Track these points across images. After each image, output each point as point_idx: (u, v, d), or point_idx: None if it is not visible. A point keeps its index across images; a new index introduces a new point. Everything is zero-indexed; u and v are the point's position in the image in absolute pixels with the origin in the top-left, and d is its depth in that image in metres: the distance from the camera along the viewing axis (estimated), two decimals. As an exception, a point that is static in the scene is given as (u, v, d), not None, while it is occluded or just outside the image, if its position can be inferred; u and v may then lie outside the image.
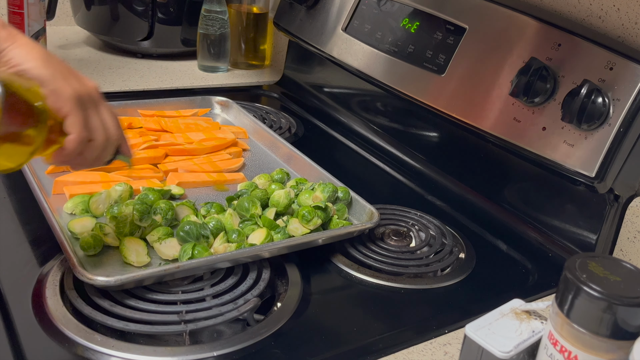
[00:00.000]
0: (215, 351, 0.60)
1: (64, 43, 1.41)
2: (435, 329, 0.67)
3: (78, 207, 0.79)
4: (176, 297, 0.66)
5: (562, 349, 0.51)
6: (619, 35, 0.84)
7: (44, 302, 0.63)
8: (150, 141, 0.96)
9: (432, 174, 1.02)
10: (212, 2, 1.33)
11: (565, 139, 0.79)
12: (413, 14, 1.02)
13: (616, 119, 0.75)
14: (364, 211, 0.84)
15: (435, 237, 0.84)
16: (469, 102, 0.91)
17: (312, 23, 1.21)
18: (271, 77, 1.43)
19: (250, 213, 0.80)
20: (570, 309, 0.50)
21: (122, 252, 0.71)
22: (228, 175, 0.93)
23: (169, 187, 0.86)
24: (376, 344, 0.64)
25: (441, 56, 0.96)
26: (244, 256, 0.71)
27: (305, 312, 0.68)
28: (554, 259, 0.83)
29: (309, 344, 0.63)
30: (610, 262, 0.52)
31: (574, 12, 0.89)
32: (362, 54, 1.09)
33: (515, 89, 0.82)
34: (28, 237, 0.75)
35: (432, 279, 0.76)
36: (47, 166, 0.88)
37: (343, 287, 0.73)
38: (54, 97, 0.57)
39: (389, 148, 1.10)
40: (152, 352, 0.59)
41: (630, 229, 0.80)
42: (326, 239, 0.77)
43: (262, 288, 0.68)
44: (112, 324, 0.61)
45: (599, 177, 0.77)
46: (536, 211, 0.87)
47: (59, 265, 0.69)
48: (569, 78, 0.80)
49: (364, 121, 1.17)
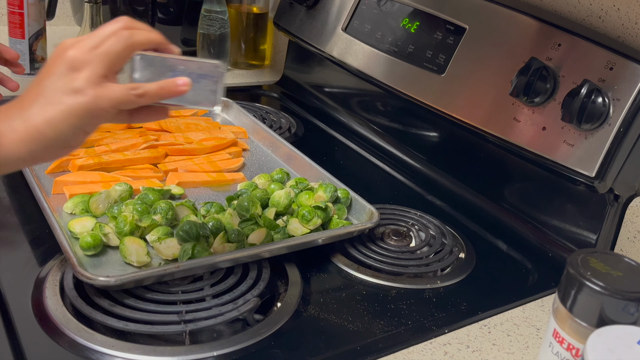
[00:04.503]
0: (215, 351, 0.60)
1: (64, 43, 1.41)
2: (435, 329, 0.67)
3: (78, 207, 0.79)
4: (176, 297, 0.66)
5: (569, 347, 0.51)
6: (619, 35, 0.84)
7: (44, 302, 0.63)
8: (150, 141, 0.96)
9: (432, 174, 1.02)
10: (212, 2, 1.33)
11: (565, 139, 0.79)
12: (413, 14, 1.02)
13: (616, 119, 0.75)
14: (364, 211, 0.84)
15: (435, 237, 0.84)
16: (469, 102, 0.91)
17: (312, 23, 1.21)
18: (271, 77, 1.43)
19: (250, 213, 0.80)
20: (574, 304, 0.50)
21: (122, 252, 0.71)
22: (228, 175, 0.93)
23: (169, 187, 0.86)
24: (376, 344, 0.64)
25: (441, 56, 0.96)
26: (244, 256, 0.71)
27: (305, 312, 0.68)
28: (554, 259, 0.83)
29: (309, 344, 0.63)
30: (611, 257, 0.53)
31: (574, 12, 0.89)
32: (362, 54, 1.08)
33: (515, 89, 0.82)
34: (28, 237, 0.75)
35: (432, 279, 0.76)
36: (47, 166, 0.88)
37: (343, 287, 0.73)
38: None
39: (389, 148, 1.10)
40: (152, 352, 0.59)
41: (630, 229, 0.80)
42: (326, 239, 0.77)
43: (262, 288, 0.68)
44: (112, 324, 0.61)
45: (599, 177, 0.77)
46: (536, 211, 0.87)
47: (59, 265, 0.69)
48: (569, 78, 0.80)
49: (364, 121, 1.17)
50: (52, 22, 1.37)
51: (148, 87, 0.55)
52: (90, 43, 0.53)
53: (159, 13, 1.37)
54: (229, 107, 1.15)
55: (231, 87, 1.35)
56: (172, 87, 0.56)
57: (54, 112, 0.51)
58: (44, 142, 0.52)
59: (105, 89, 0.53)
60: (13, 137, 0.51)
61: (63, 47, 0.54)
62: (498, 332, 0.68)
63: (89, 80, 0.52)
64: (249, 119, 1.10)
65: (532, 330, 0.69)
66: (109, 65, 0.53)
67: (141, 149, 0.94)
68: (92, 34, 0.54)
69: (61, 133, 0.52)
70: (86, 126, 0.53)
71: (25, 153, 0.51)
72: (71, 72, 0.52)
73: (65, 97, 0.52)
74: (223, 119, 1.14)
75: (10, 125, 0.51)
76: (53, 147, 0.53)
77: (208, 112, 1.14)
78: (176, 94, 0.56)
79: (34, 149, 0.51)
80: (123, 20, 0.56)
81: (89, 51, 0.53)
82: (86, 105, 0.52)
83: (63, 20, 1.54)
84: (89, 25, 1.20)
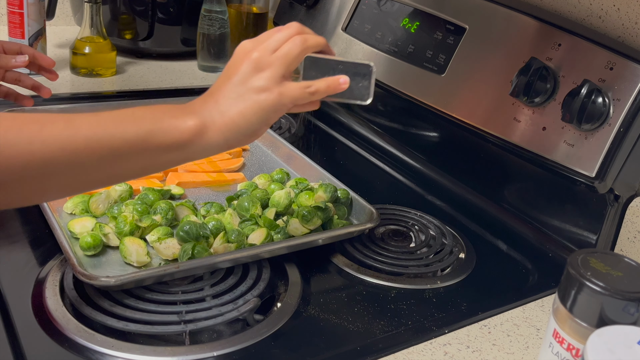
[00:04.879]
0: (215, 351, 0.60)
1: (64, 43, 1.40)
2: (435, 329, 0.67)
3: (78, 207, 0.79)
4: (176, 297, 0.66)
5: (569, 347, 0.51)
6: (619, 35, 0.84)
7: (44, 302, 0.63)
8: (150, 141, 0.96)
9: (432, 174, 1.02)
10: (212, 2, 1.33)
11: (565, 139, 0.79)
12: (413, 14, 1.02)
13: (616, 119, 0.75)
14: (364, 211, 0.84)
15: (435, 237, 0.84)
16: (469, 102, 0.91)
17: (312, 23, 1.21)
18: (271, 77, 1.43)
19: (250, 213, 0.80)
20: (574, 304, 0.50)
21: (122, 252, 0.71)
22: (228, 175, 0.93)
23: (169, 187, 0.86)
24: (376, 344, 0.64)
25: (441, 56, 0.96)
26: (243, 256, 0.71)
27: (305, 312, 0.68)
28: (554, 259, 0.83)
29: (309, 344, 0.63)
30: (611, 257, 0.53)
31: (574, 12, 0.89)
32: (362, 54, 1.08)
33: (515, 89, 0.82)
34: (28, 237, 0.75)
35: (432, 279, 0.76)
36: (47, 166, 0.88)
37: (343, 287, 0.73)
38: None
39: (389, 148, 1.10)
40: (152, 352, 0.59)
41: (630, 229, 0.80)
42: (326, 239, 0.77)
43: (262, 288, 0.68)
44: (112, 324, 0.61)
45: (599, 177, 0.77)
46: (536, 211, 0.87)
47: (59, 265, 0.69)
48: (569, 78, 0.80)
49: (364, 121, 1.17)
50: (52, 22, 1.36)
51: (318, 84, 0.63)
52: (270, 46, 0.61)
53: (159, 13, 1.37)
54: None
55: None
56: (337, 85, 0.64)
57: (245, 106, 0.59)
58: (237, 132, 0.59)
59: (286, 87, 0.61)
60: (214, 128, 0.58)
61: (246, 49, 0.62)
62: (498, 332, 0.68)
63: (273, 79, 0.60)
64: (249, 119, 1.10)
65: (532, 331, 0.69)
66: (287, 66, 0.61)
67: (141, 149, 0.94)
68: (269, 37, 0.62)
69: (252, 124, 0.59)
70: (270, 118, 0.61)
71: (222, 140, 0.58)
72: (257, 72, 0.60)
73: (254, 94, 0.59)
74: (223, 119, 1.13)
75: (211, 117, 0.58)
76: (243, 136, 0.60)
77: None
78: (339, 90, 0.64)
79: (229, 137, 0.59)
80: (295, 26, 0.64)
81: (270, 53, 0.61)
82: (272, 102, 0.60)
83: (63, 20, 1.54)
84: (89, 25, 1.20)
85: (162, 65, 1.39)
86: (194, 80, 1.33)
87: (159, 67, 1.37)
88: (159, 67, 1.38)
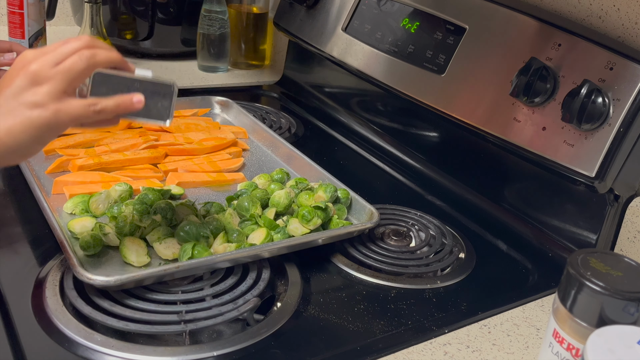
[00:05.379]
0: (215, 351, 0.60)
1: (63, 43, 1.41)
2: (435, 329, 0.67)
3: (78, 207, 0.79)
4: (176, 297, 0.66)
5: (569, 347, 0.51)
6: (619, 35, 0.84)
7: (44, 302, 0.63)
8: (150, 141, 0.96)
9: (432, 174, 1.02)
10: (212, 2, 1.33)
11: (565, 139, 0.79)
12: (413, 14, 1.02)
13: (616, 119, 0.75)
14: (364, 211, 0.84)
15: (435, 237, 0.84)
16: (469, 102, 0.91)
17: (312, 23, 1.21)
18: (271, 77, 1.43)
19: (250, 213, 0.80)
20: (574, 304, 0.51)
21: (122, 252, 0.71)
22: (228, 175, 0.93)
23: (169, 187, 0.86)
24: (376, 344, 0.64)
25: (441, 56, 0.96)
26: (243, 256, 0.71)
27: (305, 312, 0.68)
28: (554, 259, 0.83)
29: (309, 344, 0.63)
30: (611, 257, 0.53)
31: (574, 12, 0.89)
32: (362, 54, 1.08)
33: (515, 89, 0.82)
34: (28, 237, 0.75)
35: (432, 279, 0.76)
36: (47, 166, 0.88)
37: (343, 287, 0.73)
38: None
39: (389, 148, 1.10)
40: (152, 352, 0.59)
41: (630, 229, 0.80)
42: (326, 239, 0.77)
43: (262, 288, 0.68)
44: (112, 324, 0.61)
45: (599, 177, 0.77)
46: (536, 211, 0.87)
47: (59, 265, 0.69)
48: (569, 78, 0.80)
49: (364, 121, 1.17)
50: (52, 22, 1.37)
51: (105, 102, 0.58)
52: (52, 58, 0.56)
53: (159, 13, 1.37)
54: (228, 107, 1.15)
55: (231, 87, 1.35)
56: (129, 104, 0.60)
57: (15, 122, 0.54)
58: (2, 150, 0.54)
59: (65, 104, 0.56)
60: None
61: (25, 60, 0.56)
62: (498, 332, 0.68)
63: (50, 95, 0.55)
64: (249, 119, 1.10)
65: (532, 330, 0.69)
66: (69, 82, 0.56)
67: (141, 149, 0.94)
68: (54, 49, 0.57)
69: (21, 143, 0.55)
70: (44, 137, 0.56)
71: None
72: (33, 86, 0.55)
73: (26, 110, 0.54)
74: (223, 119, 1.14)
75: None
76: (10, 155, 0.55)
77: (208, 112, 1.14)
78: (133, 109, 0.60)
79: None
80: (85, 39, 0.59)
81: (51, 67, 0.56)
82: (46, 119, 0.55)
83: (63, 20, 1.54)
84: (89, 25, 1.20)
85: (162, 65, 1.39)
86: (194, 80, 1.33)
87: (159, 67, 1.37)
88: (159, 67, 1.38)
